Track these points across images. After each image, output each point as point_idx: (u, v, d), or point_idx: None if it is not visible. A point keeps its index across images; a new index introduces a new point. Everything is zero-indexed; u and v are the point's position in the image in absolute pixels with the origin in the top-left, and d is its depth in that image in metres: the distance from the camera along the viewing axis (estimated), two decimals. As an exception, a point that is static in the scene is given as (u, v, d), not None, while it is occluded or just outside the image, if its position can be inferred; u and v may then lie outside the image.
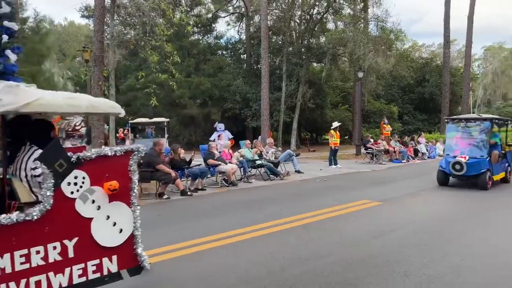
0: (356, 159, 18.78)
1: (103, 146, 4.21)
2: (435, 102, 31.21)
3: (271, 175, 12.00)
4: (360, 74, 20.70)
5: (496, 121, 10.98)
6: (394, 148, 17.81)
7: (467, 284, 4.12)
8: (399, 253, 5.09)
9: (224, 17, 32.23)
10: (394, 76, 29.11)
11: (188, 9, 27.45)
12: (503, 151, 11.14)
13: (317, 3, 24.77)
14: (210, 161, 10.60)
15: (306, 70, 24.16)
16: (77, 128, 36.74)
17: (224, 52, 31.73)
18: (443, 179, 10.66)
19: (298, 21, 25.71)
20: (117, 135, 24.43)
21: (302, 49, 25.24)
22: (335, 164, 15.56)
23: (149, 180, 9.18)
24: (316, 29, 25.49)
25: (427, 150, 19.59)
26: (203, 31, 30.03)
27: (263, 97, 20.69)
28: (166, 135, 13.35)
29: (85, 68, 13.94)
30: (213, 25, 30.20)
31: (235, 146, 16.28)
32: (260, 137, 19.88)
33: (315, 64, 28.41)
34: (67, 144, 19.79)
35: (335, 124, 16.24)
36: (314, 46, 25.20)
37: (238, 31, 32.57)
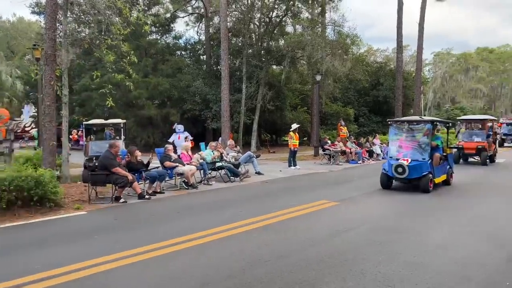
0: (314, 160, 19.16)
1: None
2: (389, 104, 32.43)
3: (231, 177, 11.97)
4: (318, 77, 21.14)
5: (437, 123, 11.06)
6: (350, 149, 18.32)
7: (420, 280, 4.30)
8: (356, 252, 5.24)
9: (183, 17, 31.79)
10: (350, 79, 29.92)
11: (146, 8, 26.78)
12: (444, 154, 11.16)
13: (276, 6, 25.01)
14: (167, 163, 10.40)
15: (266, 72, 24.33)
16: (27, 129, 34.92)
17: (183, 53, 31.25)
18: (386, 182, 10.51)
19: (257, 23, 25.84)
20: (71, 136, 23.49)
21: (262, 52, 25.39)
22: (294, 165, 15.80)
23: (105, 184, 8.88)
24: (275, 32, 25.73)
25: (381, 151, 20.31)
26: (161, 31, 29.42)
27: (223, 98, 20.62)
28: (123, 137, 12.95)
29: (36, 67, 13.24)
30: (172, 25, 29.63)
31: (195, 148, 16.11)
32: (220, 138, 19.82)
33: (274, 67, 28.65)
34: (16, 146, 18.74)
35: (294, 126, 16.49)
36: (273, 48, 25.42)
37: (198, 32, 32.24)
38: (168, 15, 29.44)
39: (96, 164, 8.98)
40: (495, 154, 18.28)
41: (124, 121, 13.94)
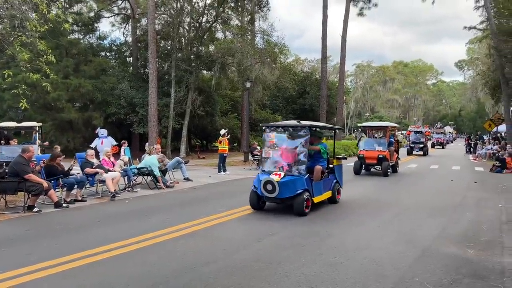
0: (244, 165, 19.34)
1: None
2: (314, 112, 33.88)
3: (158, 184, 11.62)
4: (248, 84, 21.43)
5: (317, 129, 9.29)
6: (278, 155, 18.75)
7: (341, 279, 4.50)
8: (280, 255, 5.35)
9: (108, 17, 30.43)
10: (278, 87, 30.78)
11: (67, 6, 25.29)
12: (331, 165, 9.39)
13: (206, 12, 25.00)
14: (87, 170, 9.81)
15: (196, 77, 24.11)
16: None
17: (108, 54, 29.89)
18: (257, 203, 8.33)
19: (187, 28, 25.57)
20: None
21: (192, 56, 25.15)
22: (224, 170, 15.81)
23: (16, 192, 8.14)
24: (205, 37, 25.66)
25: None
26: (84, 31, 27.87)
27: (151, 102, 20.05)
28: (38, 141, 12.02)
29: None
30: (96, 25, 28.20)
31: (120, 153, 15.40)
32: (147, 143, 19.19)
33: (204, 72, 28.52)
34: None
35: (222, 131, 16.58)
36: (203, 54, 25.30)
37: (124, 33, 31.22)
38: (92, 14, 28.01)
39: (7, 170, 8.22)
40: (397, 163, 17.11)
41: (40, 124, 12.97)
